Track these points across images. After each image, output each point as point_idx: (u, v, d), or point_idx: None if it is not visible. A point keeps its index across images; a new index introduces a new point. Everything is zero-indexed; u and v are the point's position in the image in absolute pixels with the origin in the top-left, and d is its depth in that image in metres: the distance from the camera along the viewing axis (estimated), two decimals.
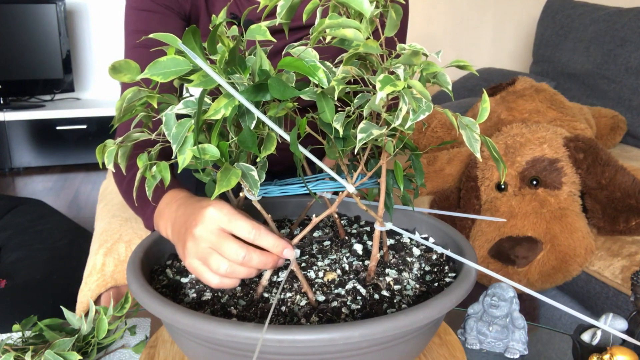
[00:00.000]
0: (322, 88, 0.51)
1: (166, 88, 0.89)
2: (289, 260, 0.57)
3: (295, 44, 0.56)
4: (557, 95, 1.54)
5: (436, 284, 0.64)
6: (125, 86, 0.92)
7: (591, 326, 0.68)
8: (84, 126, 3.28)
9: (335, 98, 0.51)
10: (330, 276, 0.64)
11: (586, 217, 1.22)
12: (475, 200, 1.26)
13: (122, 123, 0.86)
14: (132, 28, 0.91)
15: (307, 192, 0.85)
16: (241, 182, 0.54)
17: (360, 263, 0.67)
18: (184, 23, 0.95)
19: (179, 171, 0.53)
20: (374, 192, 0.79)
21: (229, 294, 0.61)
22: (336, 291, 0.61)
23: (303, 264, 0.67)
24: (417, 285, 0.63)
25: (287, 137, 0.53)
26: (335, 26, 0.48)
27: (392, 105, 0.55)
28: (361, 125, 0.50)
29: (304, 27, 0.96)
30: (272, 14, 0.88)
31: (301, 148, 0.54)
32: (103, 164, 0.58)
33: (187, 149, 0.51)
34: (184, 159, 0.51)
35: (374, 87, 0.52)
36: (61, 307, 0.74)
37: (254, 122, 0.52)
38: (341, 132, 0.52)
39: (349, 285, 0.62)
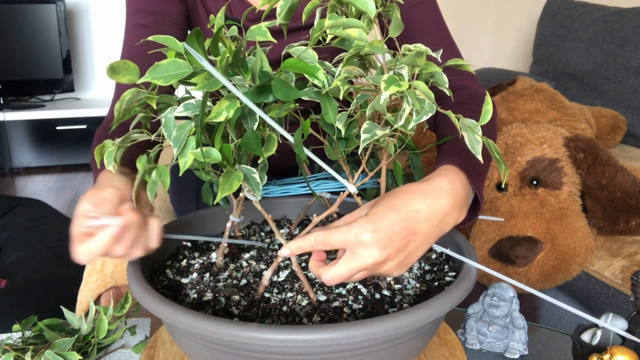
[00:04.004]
0: (324, 88, 0.51)
1: (164, 88, 0.90)
2: (289, 260, 0.57)
3: (295, 44, 0.56)
4: (557, 95, 1.54)
5: (436, 284, 0.64)
6: (119, 85, 0.94)
7: (591, 326, 0.68)
8: (84, 126, 3.28)
9: (341, 97, 0.51)
10: None
11: (586, 217, 1.22)
12: None
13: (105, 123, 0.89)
14: (132, 7, 0.94)
15: (307, 192, 0.85)
16: (242, 184, 0.54)
17: None
18: (184, 5, 0.96)
19: (180, 174, 0.53)
20: (373, 192, 0.79)
21: (228, 295, 0.61)
22: (337, 291, 0.61)
23: (303, 264, 0.67)
24: (418, 285, 0.63)
25: (290, 138, 0.53)
26: (339, 26, 0.48)
27: (391, 106, 0.55)
28: (364, 125, 0.50)
29: (302, 29, 0.96)
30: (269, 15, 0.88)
31: (304, 149, 0.54)
32: (102, 164, 0.58)
33: (188, 152, 0.51)
34: (186, 162, 0.51)
35: (376, 86, 0.52)
36: (61, 307, 0.74)
37: (256, 123, 0.52)
38: (343, 132, 0.52)
39: (350, 285, 0.62)
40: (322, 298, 0.60)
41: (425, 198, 0.55)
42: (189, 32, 1.07)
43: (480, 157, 0.53)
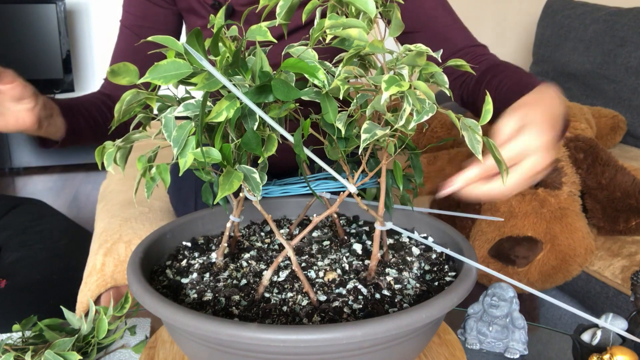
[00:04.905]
0: (324, 88, 0.51)
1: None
2: (289, 260, 0.57)
3: (295, 44, 0.56)
4: None
5: (436, 283, 0.64)
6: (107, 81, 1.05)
7: (591, 326, 0.68)
8: None
9: (341, 97, 0.51)
10: (331, 276, 0.64)
11: (586, 217, 1.22)
12: None
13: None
14: (124, 7, 1.05)
15: (307, 192, 0.85)
16: (242, 184, 0.54)
17: (360, 263, 0.67)
18: (171, 8, 1.03)
19: (180, 174, 0.53)
20: (373, 192, 0.79)
21: (228, 295, 0.61)
22: (337, 291, 0.61)
23: (303, 264, 0.67)
24: (418, 285, 0.63)
25: (290, 138, 0.53)
26: (339, 26, 0.48)
27: (392, 105, 0.55)
28: (365, 125, 0.50)
29: (302, 28, 0.96)
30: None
31: (304, 149, 0.54)
32: (102, 165, 0.58)
33: (188, 152, 0.51)
34: (186, 162, 0.51)
35: (376, 86, 0.52)
36: (61, 307, 0.74)
37: (256, 123, 0.52)
38: (343, 132, 0.52)
39: (350, 285, 0.62)
40: (322, 298, 0.60)
41: (556, 102, 0.64)
42: (183, 31, 1.11)
43: (480, 158, 0.53)
